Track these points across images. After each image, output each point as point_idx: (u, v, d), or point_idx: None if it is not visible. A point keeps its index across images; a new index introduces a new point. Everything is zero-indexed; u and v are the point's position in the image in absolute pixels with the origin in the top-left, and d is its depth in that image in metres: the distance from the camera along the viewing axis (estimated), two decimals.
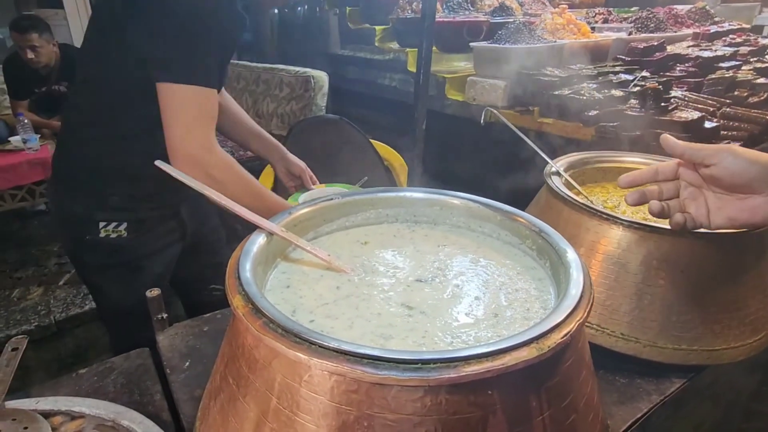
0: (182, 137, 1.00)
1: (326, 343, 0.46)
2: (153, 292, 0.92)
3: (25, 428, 0.70)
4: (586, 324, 0.87)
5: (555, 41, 2.51)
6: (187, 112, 1.00)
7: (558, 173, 1.03)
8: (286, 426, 0.49)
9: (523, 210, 1.07)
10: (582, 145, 1.95)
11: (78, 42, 3.91)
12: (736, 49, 2.79)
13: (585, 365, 0.57)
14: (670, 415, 0.88)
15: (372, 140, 2.20)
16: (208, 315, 1.00)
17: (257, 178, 2.16)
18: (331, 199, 0.80)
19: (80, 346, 2.61)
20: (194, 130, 1.00)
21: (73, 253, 1.30)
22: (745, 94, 2.16)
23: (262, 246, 0.66)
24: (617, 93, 2.05)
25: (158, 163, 0.69)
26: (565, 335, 0.48)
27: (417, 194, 0.83)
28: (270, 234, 0.68)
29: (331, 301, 0.62)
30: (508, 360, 0.45)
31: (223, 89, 1.42)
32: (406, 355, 0.44)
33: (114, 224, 1.20)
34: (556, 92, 2.05)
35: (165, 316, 0.94)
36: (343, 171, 2.02)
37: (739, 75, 2.31)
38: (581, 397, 0.54)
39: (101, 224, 1.19)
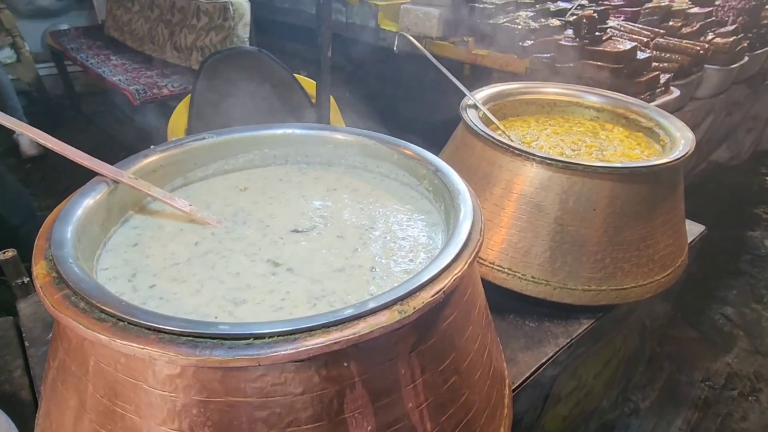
0: None
1: (136, 320, 0.36)
2: (7, 254, 0.78)
3: None
4: (496, 268, 0.83)
5: None
6: None
7: (475, 106, 0.94)
8: (106, 417, 0.40)
9: (441, 148, 0.99)
10: (517, 78, 1.87)
11: None
12: None
13: (473, 319, 0.51)
14: (579, 355, 0.87)
15: (298, 75, 2.01)
16: None
17: (170, 115, 1.96)
18: (203, 138, 0.67)
19: None
20: None
21: None
22: (680, 24, 2.13)
23: (101, 198, 0.54)
24: (554, 22, 1.96)
25: None
26: (437, 293, 0.41)
27: (307, 131, 0.72)
28: (114, 183, 0.56)
29: (183, 260, 0.52)
30: (363, 328, 0.37)
31: None
32: (232, 329, 0.36)
33: None
34: (491, 21, 1.93)
35: (26, 280, 0.81)
36: (265, 110, 1.85)
37: (674, 4, 2.27)
38: (465, 356, 0.49)
39: None
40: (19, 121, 0.54)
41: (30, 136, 0.54)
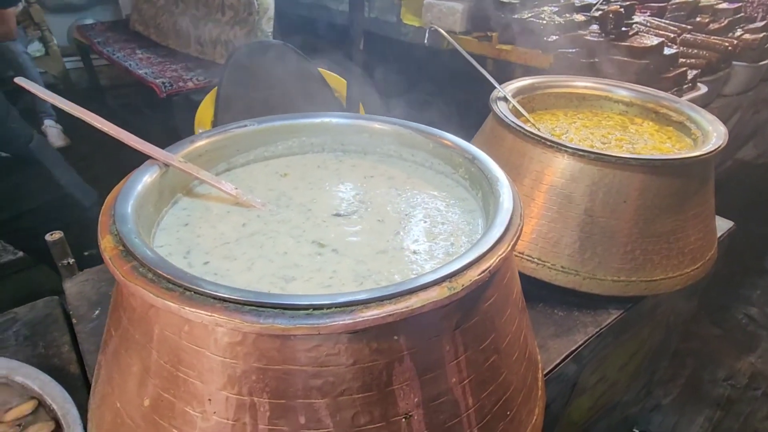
0: None
1: (203, 289, 0.39)
2: (54, 236, 0.82)
3: None
4: (526, 258, 0.84)
5: None
6: None
7: (505, 99, 0.95)
8: (169, 382, 0.43)
9: (469, 141, 1.00)
10: (541, 73, 1.87)
11: None
12: None
13: (511, 302, 0.53)
14: (608, 344, 0.88)
15: (321, 69, 2.04)
16: None
17: (196, 109, 1.99)
18: (245, 125, 0.70)
19: (18, 292, 2.47)
20: None
21: None
22: (707, 20, 2.10)
23: (154, 179, 0.57)
24: (579, 18, 1.95)
25: (18, 79, 0.57)
26: (483, 272, 0.43)
27: (344, 120, 0.74)
28: (165, 166, 0.59)
29: (232, 240, 0.55)
30: (415, 302, 0.39)
31: None
32: (293, 300, 0.38)
33: None
34: (516, 15, 1.93)
35: (72, 261, 0.85)
36: (289, 103, 1.88)
37: (702, 0, 2.23)
38: (504, 337, 0.50)
39: None
40: (80, 108, 0.57)
41: (87, 119, 0.57)
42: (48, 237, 0.82)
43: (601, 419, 1.22)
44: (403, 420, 0.43)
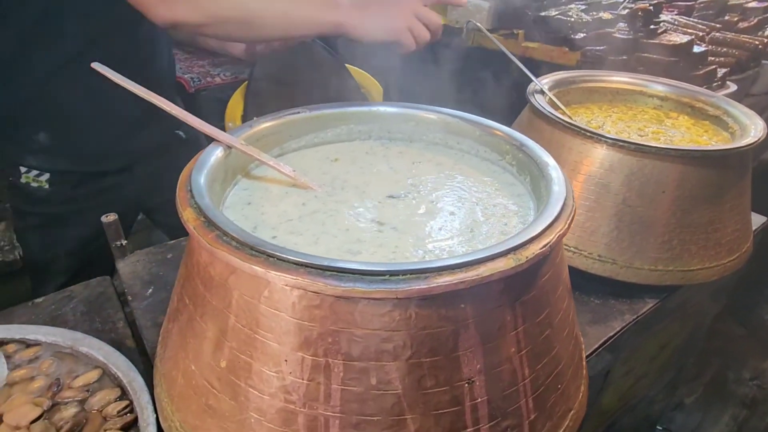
0: None
1: (286, 255, 0.42)
2: (109, 217, 0.86)
3: None
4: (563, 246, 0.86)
5: None
6: None
7: (542, 92, 0.97)
8: (246, 344, 0.46)
9: None
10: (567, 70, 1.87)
11: None
12: None
13: (562, 281, 0.55)
14: (642, 333, 0.89)
15: (347, 65, 2.06)
16: (172, 242, 0.95)
17: (224, 108, 2.04)
18: (298, 112, 0.73)
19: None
20: None
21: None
22: (736, 19, 2.08)
23: (219, 160, 0.60)
24: (606, 15, 1.95)
25: (95, 65, 0.60)
26: (544, 246, 0.45)
27: (391, 109, 0.76)
28: (228, 148, 0.62)
29: (295, 217, 0.58)
30: (483, 271, 0.41)
31: None
32: (373, 266, 0.41)
33: (35, 172, 1.09)
34: (543, 13, 1.94)
35: (124, 242, 0.88)
36: (316, 98, 1.91)
37: None
38: (557, 312, 0.52)
39: (22, 169, 1.09)
40: (153, 93, 0.60)
41: (158, 104, 0.61)
42: (103, 218, 0.86)
43: (626, 414, 1.23)
44: (466, 385, 0.45)
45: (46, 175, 1.10)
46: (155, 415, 0.57)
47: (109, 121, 1.09)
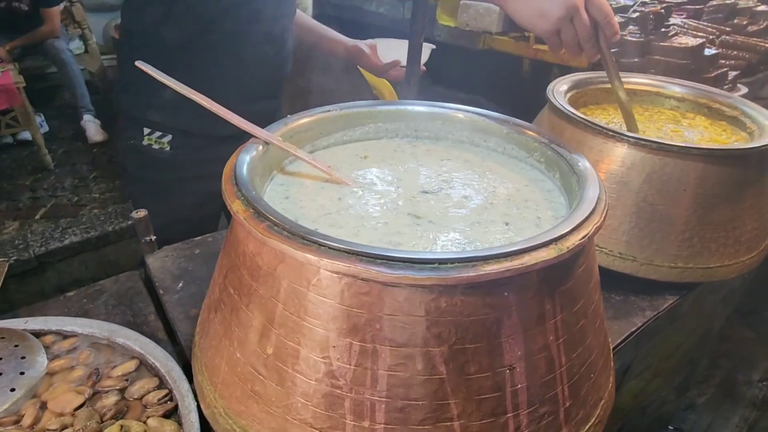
0: None
1: (337, 244, 0.43)
2: (139, 214, 0.88)
3: (16, 346, 0.68)
4: None
5: None
6: None
7: (561, 92, 0.99)
8: (294, 332, 0.47)
9: None
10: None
11: None
12: None
13: (593, 274, 0.56)
14: (660, 330, 0.90)
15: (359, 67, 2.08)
16: (199, 238, 0.97)
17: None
18: (329, 110, 0.75)
19: (63, 280, 2.57)
20: None
21: (120, 156, 1.21)
22: (745, 22, 2.10)
23: (259, 155, 0.62)
24: (616, 18, 1.97)
25: (139, 63, 0.62)
26: (583, 237, 0.46)
27: (418, 108, 0.78)
28: (266, 144, 0.63)
29: (333, 211, 0.59)
30: (528, 260, 0.43)
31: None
32: (422, 255, 0.42)
33: (158, 134, 1.10)
34: None
35: (153, 238, 0.90)
36: (327, 101, 1.93)
37: (740, 2, 2.24)
38: (590, 304, 0.54)
39: (146, 131, 1.09)
40: (192, 90, 0.62)
41: (198, 100, 0.63)
42: (133, 214, 0.88)
43: (638, 414, 1.24)
44: (507, 371, 0.47)
45: (168, 137, 1.11)
46: (196, 402, 0.59)
47: (234, 84, 1.09)
